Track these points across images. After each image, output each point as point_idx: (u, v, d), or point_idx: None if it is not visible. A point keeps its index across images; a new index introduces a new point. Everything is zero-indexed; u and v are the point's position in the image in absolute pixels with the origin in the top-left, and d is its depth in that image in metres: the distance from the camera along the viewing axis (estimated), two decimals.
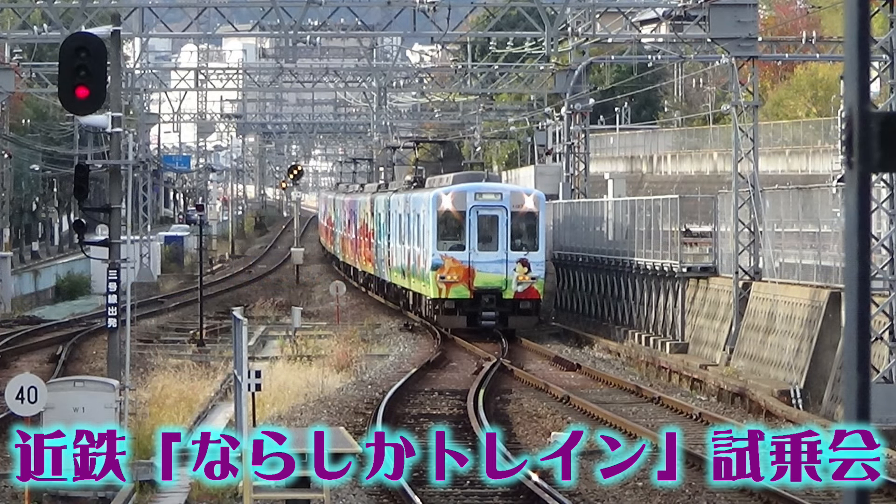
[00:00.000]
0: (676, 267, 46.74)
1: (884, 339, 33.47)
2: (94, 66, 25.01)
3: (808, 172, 68.05)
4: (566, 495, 23.75)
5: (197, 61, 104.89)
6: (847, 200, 4.78)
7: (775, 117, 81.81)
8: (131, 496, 20.96)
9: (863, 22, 4.69)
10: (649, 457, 28.93)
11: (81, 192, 26.29)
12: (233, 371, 26.15)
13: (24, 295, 72.90)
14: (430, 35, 53.13)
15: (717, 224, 46.79)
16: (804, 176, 64.65)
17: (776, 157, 73.86)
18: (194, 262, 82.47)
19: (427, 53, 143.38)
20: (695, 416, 34.23)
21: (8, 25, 55.58)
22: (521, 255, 52.13)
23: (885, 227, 34.51)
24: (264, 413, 30.52)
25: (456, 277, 52.12)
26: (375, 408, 34.04)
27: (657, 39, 59.81)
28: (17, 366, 43.64)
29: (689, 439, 30.98)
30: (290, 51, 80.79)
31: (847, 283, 4.79)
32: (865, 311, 4.75)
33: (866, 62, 4.72)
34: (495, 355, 46.37)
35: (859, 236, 4.73)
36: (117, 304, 26.49)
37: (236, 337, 23.45)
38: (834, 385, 34.79)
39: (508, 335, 51.54)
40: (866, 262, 4.76)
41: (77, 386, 24.13)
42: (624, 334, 50.65)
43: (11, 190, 79.50)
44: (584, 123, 65.89)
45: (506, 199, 52.88)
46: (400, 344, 51.50)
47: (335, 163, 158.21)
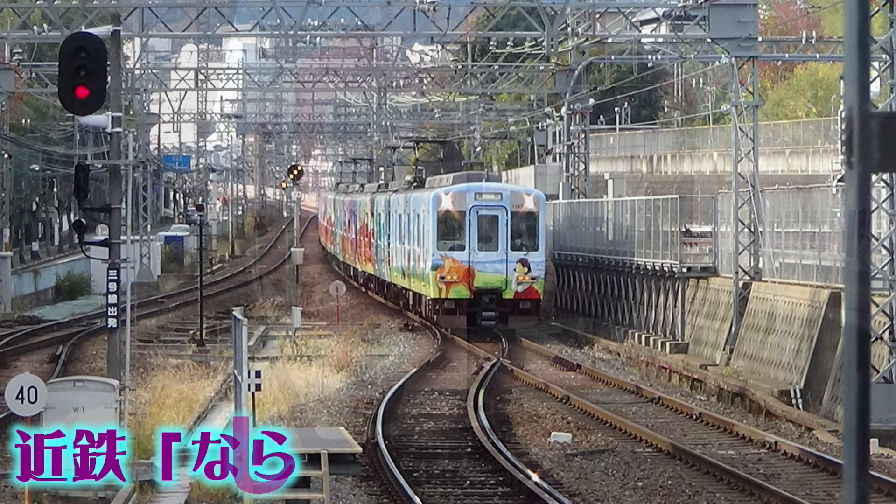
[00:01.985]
0: (676, 267, 46.74)
1: (884, 339, 33.46)
2: (94, 66, 25.01)
3: (808, 172, 68.02)
4: (566, 495, 23.74)
5: (197, 61, 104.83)
6: (847, 200, 4.78)
7: (775, 117, 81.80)
8: (131, 496, 20.94)
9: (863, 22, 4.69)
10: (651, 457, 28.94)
11: (81, 192, 26.28)
12: (233, 371, 26.15)
13: (24, 295, 72.89)
14: (431, 35, 53.08)
15: (717, 224, 46.78)
16: (804, 176, 64.62)
17: (776, 157, 73.84)
18: (194, 262, 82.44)
19: (427, 53, 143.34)
20: (695, 417, 34.23)
21: (8, 25, 55.56)
22: (521, 255, 52.13)
23: (885, 227, 34.51)
24: (265, 413, 30.51)
25: (456, 277, 52.12)
26: (375, 408, 34.04)
27: (657, 39, 59.78)
28: (17, 366, 43.64)
29: (688, 439, 31.01)
30: (290, 51, 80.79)
31: (847, 283, 4.79)
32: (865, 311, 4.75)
33: (866, 62, 4.72)
34: (495, 355, 46.37)
35: (859, 236, 4.73)
36: (117, 304, 26.48)
37: (236, 337, 23.45)
38: (834, 385, 34.78)
39: (508, 335, 51.54)
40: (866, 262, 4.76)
41: (77, 386, 24.12)
42: (624, 334, 50.64)
43: (11, 190, 79.50)
44: (584, 123, 65.87)
45: (506, 199, 52.88)
46: (400, 344, 51.49)
47: (335, 163, 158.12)
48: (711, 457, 27.74)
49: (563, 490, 24.39)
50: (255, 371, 24.21)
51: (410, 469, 26.63)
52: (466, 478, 26.28)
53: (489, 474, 26.50)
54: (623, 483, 25.58)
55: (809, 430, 31.66)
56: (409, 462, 27.57)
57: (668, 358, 45.02)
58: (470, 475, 26.53)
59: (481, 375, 41.00)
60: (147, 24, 53.22)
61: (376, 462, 26.84)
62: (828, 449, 28.85)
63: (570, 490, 24.68)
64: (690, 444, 29.90)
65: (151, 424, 27.02)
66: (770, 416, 33.97)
